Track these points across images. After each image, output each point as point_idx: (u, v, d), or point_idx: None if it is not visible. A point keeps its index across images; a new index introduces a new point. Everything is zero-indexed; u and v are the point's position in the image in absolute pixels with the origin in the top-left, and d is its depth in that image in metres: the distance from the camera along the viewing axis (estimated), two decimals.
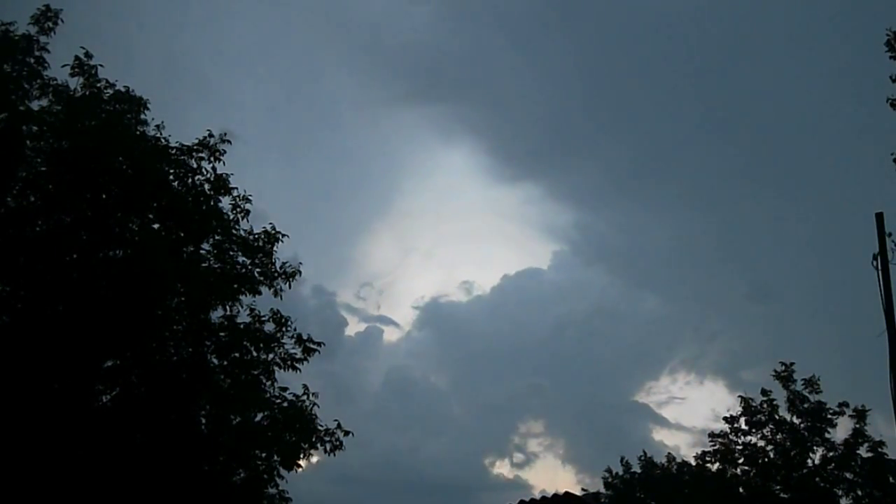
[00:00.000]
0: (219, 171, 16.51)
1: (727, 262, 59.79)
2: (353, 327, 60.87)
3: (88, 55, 16.20)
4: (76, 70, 16.16)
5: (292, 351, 16.07)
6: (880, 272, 12.35)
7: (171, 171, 16.18)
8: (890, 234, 12.70)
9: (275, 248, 16.55)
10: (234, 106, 64.63)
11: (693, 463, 30.34)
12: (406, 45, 65.93)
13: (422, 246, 70.05)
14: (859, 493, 26.68)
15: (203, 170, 16.43)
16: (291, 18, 70.40)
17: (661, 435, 55.97)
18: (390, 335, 63.17)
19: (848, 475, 26.96)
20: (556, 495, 17.87)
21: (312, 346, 16.16)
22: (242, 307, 16.10)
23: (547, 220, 72.88)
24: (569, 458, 52.13)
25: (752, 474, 28.11)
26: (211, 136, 16.50)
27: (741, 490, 28.15)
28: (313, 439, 15.68)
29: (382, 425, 54.59)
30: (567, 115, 66.06)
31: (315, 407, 15.90)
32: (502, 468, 54.50)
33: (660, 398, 56.25)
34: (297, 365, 16.00)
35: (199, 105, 58.63)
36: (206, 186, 16.38)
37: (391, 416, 55.48)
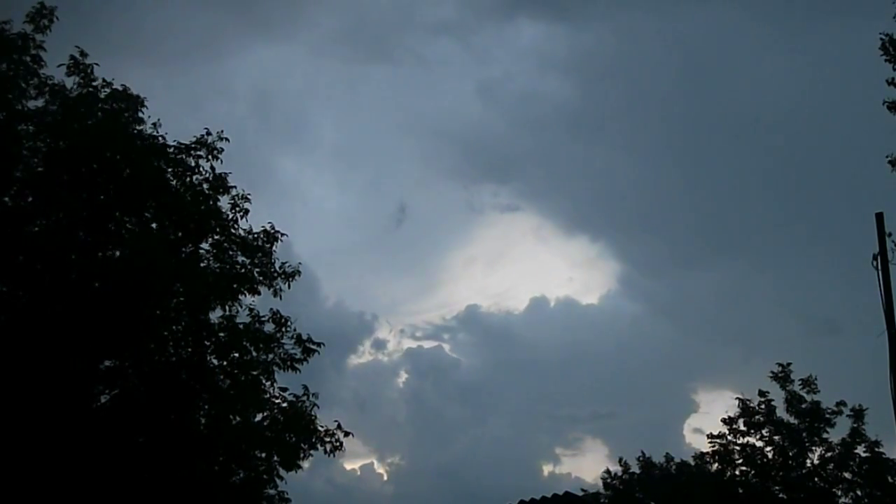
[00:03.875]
0: (217, 171, 16.45)
1: (783, 304, 61.45)
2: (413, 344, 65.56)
3: (84, 54, 16.10)
4: (72, 69, 16.05)
5: (292, 351, 15.98)
6: (880, 272, 12.32)
7: (169, 169, 16.09)
8: (890, 234, 12.69)
9: (274, 248, 16.49)
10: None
11: (692, 463, 30.35)
12: (473, 134, 73.46)
13: (480, 280, 78.62)
14: (859, 493, 26.68)
15: (201, 169, 16.37)
16: (374, 106, 78.78)
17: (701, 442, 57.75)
18: (449, 350, 67.19)
19: (847, 475, 26.97)
20: (555, 495, 17.86)
21: (312, 346, 16.07)
22: (242, 307, 16.02)
23: (596, 266, 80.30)
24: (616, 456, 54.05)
25: (750, 475, 28.08)
26: (209, 133, 16.42)
27: (740, 490, 28.12)
28: (313, 440, 15.63)
29: (440, 436, 57.22)
30: (614, 193, 72.45)
31: (315, 407, 15.87)
32: (555, 469, 56.09)
33: (701, 410, 57.09)
34: (296, 365, 15.92)
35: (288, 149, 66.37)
36: (205, 186, 16.30)
37: (447, 426, 57.97)
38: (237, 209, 16.42)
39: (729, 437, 28.68)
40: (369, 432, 57.86)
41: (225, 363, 15.65)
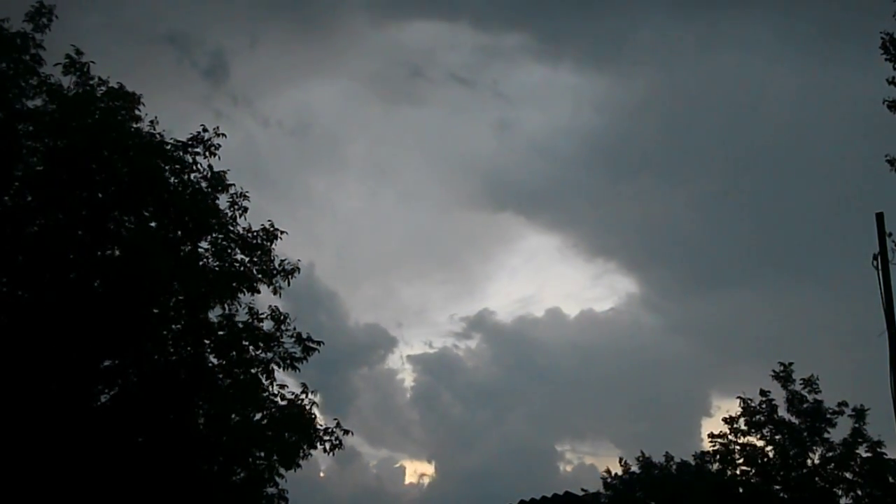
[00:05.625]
0: (215, 168, 16.39)
1: (804, 321, 62.38)
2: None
3: (79, 52, 16.08)
4: (68, 68, 16.02)
5: (292, 350, 15.97)
6: (880, 272, 12.33)
7: (167, 167, 16.05)
8: (890, 234, 12.69)
9: (273, 245, 16.46)
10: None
11: (692, 463, 30.30)
12: (496, 169, 77.13)
13: (503, 291, 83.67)
14: (859, 493, 26.61)
15: (198, 166, 16.31)
16: (405, 139, 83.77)
17: None
18: (470, 356, 69.15)
19: (848, 475, 26.91)
20: (555, 495, 17.91)
21: (312, 344, 16.05)
22: (241, 305, 16.00)
23: (613, 285, 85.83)
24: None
25: (751, 474, 28.02)
26: (205, 130, 16.37)
27: (741, 490, 28.07)
28: (313, 438, 15.63)
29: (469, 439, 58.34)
30: (623, 223, 75.12)
31: (314, 406, 15.88)
32: (577, 464, 56.85)
33: (719, 415, 57.80)
34: (296, 364, 15.91)
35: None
36: (203, 184, 16.27)
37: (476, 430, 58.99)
38: (236, 207, 16.39)
39: (730, 437, 28.63)
40: (398, 437, 59.26)
41: (224, 362, 15.64)
